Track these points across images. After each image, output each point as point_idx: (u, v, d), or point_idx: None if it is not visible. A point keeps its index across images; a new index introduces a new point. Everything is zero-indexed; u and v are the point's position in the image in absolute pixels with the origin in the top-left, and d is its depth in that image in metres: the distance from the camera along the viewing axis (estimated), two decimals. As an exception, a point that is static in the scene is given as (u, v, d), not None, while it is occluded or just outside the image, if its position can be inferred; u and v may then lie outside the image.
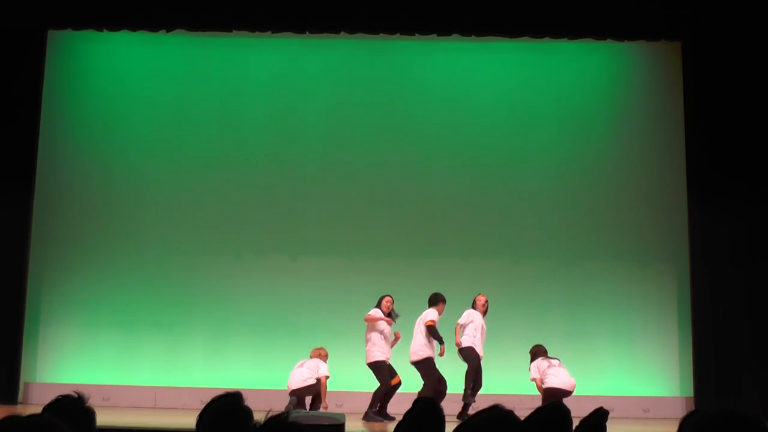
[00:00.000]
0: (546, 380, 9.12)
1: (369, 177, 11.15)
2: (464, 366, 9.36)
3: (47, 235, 10.88)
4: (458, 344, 9.40)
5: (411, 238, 11.03)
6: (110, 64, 11.35)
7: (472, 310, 9.57)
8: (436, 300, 9.46)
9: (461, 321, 9.46)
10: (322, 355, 9.25)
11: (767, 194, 10.31)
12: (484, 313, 9.60)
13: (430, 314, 9.35)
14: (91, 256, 10.92)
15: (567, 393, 8.93)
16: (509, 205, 11.10)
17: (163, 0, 10.21)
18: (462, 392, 9.26)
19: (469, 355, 9.40)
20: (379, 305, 9.34)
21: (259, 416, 2.27)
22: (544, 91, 11.29)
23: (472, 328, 9.46)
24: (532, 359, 9.36)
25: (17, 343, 10.38)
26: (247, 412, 2.85)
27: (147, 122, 11.24)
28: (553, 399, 8.70)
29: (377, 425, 8.78)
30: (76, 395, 2.95)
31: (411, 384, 9.83)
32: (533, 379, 9.28)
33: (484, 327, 9.54)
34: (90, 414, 2.96)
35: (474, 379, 9.36)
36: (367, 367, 9.22)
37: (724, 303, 10.25)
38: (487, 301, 9.62)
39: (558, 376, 9.10)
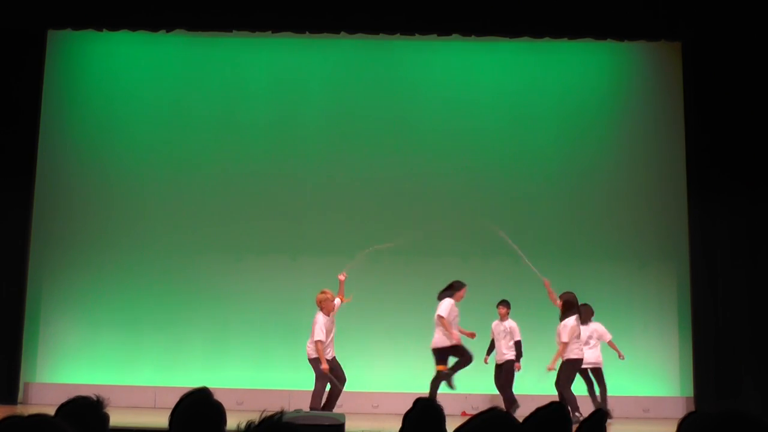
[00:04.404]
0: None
1: (369, 176, 11.15)
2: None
3: (47, 235, 10.87)
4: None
5: (411, 237, 11.01)
6: (110, 64, 11.34)
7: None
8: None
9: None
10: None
11: (767, 194, 10.31)
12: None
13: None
14: (91, 256, 10.92)
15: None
16: (509, 205, 11.10)
17: (163, 0, 10.21)
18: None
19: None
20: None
21: (255, 416, 2.26)
22: (544, 91, 11.29)
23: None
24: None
25: (17, 343, 10.38)
26: (217, 407, 2.87)
27: (147, 122, 11.24)
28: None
29: None
30: (95, 398, 2.93)
31: (410, 384, 9.84)
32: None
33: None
34: (103, 420, 2.94)
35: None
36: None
37: (724, 303, 10.25)
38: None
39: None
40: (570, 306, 9.45)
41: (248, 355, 10.76)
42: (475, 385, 9.93)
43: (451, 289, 9.54)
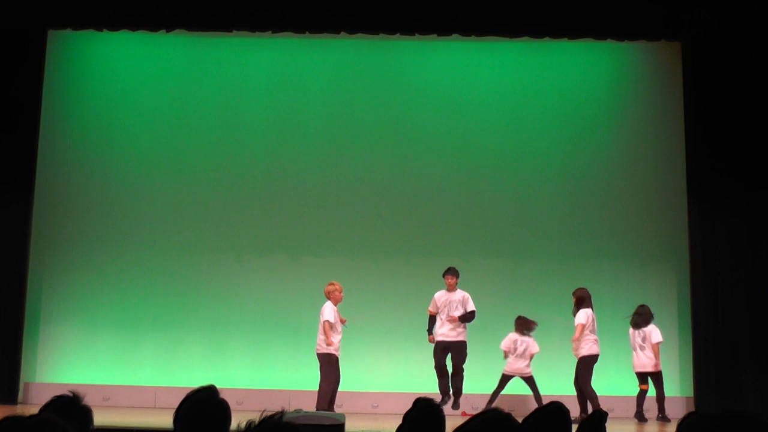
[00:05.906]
0: None
1: (369, 176, 11.15)
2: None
3: (47, 235, 10.87)
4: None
5: (411, 238, 11.02)
6: (110, 63, 11.34)
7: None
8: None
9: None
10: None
11: (767, 194, 10.31)
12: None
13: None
14: (91, 256, 10.92)
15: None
16: (509, 205, 11.11)
17: (163, 0, 10.21)
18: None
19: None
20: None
21: (255, 416, 2.26)
22: (544, 91, 11.29)
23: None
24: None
25: (17, 343, 10.37)
26: (223, 405, 2.87)
27: (147, 122, 11.24)
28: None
29: None
30: (71, 395, 2.96)
31: (410, 384, 9.84)
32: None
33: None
34: (87, 413, 2.97)
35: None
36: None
37: (724, 303, 10.25)
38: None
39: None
40: (581, 301, 9.67)
41: (248, 355, 10.76)
42: (475, 385, 9.91)
43: (644, 315, 9.81)
